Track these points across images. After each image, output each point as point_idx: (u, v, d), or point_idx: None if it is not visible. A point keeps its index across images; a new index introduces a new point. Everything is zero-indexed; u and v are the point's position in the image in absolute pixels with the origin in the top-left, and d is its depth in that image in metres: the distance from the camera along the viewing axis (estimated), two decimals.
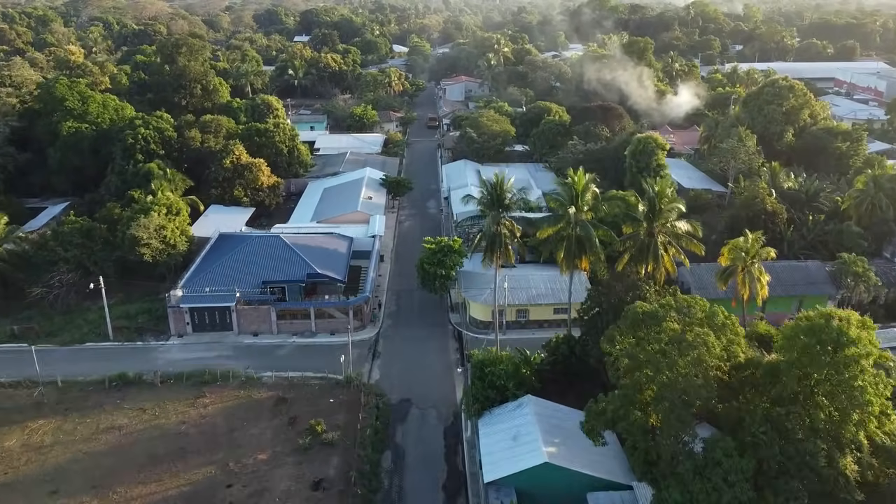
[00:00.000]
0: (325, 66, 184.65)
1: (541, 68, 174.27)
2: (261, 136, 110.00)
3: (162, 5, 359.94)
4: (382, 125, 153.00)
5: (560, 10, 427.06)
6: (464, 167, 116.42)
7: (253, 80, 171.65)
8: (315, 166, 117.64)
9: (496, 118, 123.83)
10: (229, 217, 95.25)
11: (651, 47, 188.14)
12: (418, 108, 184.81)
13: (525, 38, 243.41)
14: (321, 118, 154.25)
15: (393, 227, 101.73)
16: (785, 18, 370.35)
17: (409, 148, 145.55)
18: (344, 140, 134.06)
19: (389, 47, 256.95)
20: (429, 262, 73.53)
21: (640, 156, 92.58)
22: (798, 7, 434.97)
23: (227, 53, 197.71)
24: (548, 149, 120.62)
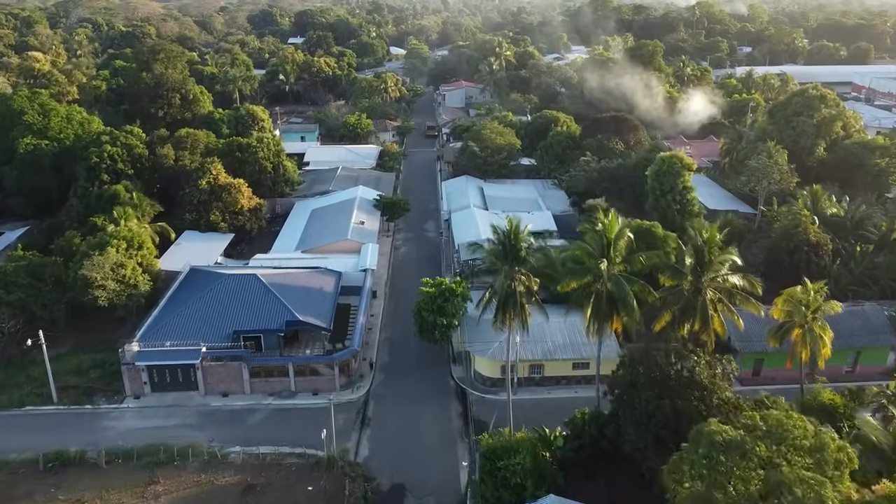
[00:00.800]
0: (318, 71, 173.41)
1: (545, 73, 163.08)
2: (243, 152, 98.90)
3: (155, 6, 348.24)
4: (378, 135, 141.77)
5: (560, 11, 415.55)
6: (465, 184, 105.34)
7: (241, 86, 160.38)
8: (303, 183, 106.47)
9: (500, 130, 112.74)
10: (204, 245, 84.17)
11: (661, 51, 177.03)
12: (416, 114, 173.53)
13: (527, 40, 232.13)
14: (312, 127, 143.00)
15: (388, 254, 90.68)
16: (789, 19, 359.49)
17: (406, 160, 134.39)
18: (336, 153, 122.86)
19: (386, 49, 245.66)
20: (427, 308, 62.51)
21: (663, 177, 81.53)
22: (801, 7, 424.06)
23: (216, 57, 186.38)
24: (556, 164, 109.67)
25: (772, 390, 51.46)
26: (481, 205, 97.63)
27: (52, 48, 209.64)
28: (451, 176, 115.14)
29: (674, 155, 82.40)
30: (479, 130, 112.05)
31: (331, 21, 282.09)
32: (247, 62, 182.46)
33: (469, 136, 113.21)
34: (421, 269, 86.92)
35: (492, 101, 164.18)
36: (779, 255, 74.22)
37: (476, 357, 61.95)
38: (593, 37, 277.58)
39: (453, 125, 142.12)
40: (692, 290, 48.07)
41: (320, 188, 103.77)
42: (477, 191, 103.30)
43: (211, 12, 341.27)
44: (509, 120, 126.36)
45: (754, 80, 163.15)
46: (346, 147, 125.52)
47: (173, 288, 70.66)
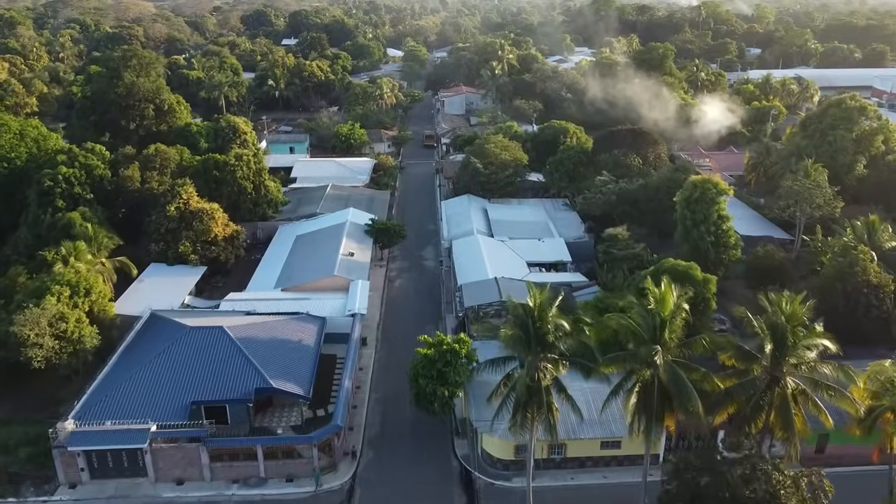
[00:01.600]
0: (309, 76, 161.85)
1: (550, 78, 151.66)
2: (220, 171, 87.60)
3: (146, 6, 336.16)
4: (372, 145, 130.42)
5: (560, 10, 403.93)
6: (467, 205, 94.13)
7: (227, 93, 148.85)
8: (289, 203, 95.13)
9: (505, 144, 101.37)
10: (172, 282, 72.96)
11: (672, 54, 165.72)
12: (413, 121, 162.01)
13: (528, 42, 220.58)
14: (302, 138, 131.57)
15: (381, 289, 79.43)
16: (794, 19, 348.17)
17: (403, 173, 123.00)
18: (326, 168, 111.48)
19: (383, 51, 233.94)
20: (425, 374, 51.33)
21: (695, 205, 70.28)
22: (803, 6, 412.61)
23: (203, 60, 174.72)
24: (567, 181, 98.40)
25: (841, 473, 40.76)
26: (485, 230, 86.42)
27: (33, 50, 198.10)
28: (451, 194, 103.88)
29: (706, 179, 71.08)
30: (481, 145, 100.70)
31: (326, 22, 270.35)
32: (235, 66, 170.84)
33: (471, 150, 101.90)
34: (419, 306, 75.86)
35: (494, 108, 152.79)
36: (832, 298, 63.03)
37: (485, 436, 50.75)
38: (596, 38, 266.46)
39: (453, 135, 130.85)
40: (768, 379, 36.95)
41: (307, 210, 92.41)
42: (480, 212, 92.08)
43: (204, 12, 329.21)
44: (514, 132, 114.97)
45: (772, 85, 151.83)
46: (338, 160, 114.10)
47: (127, 340, 59.49)
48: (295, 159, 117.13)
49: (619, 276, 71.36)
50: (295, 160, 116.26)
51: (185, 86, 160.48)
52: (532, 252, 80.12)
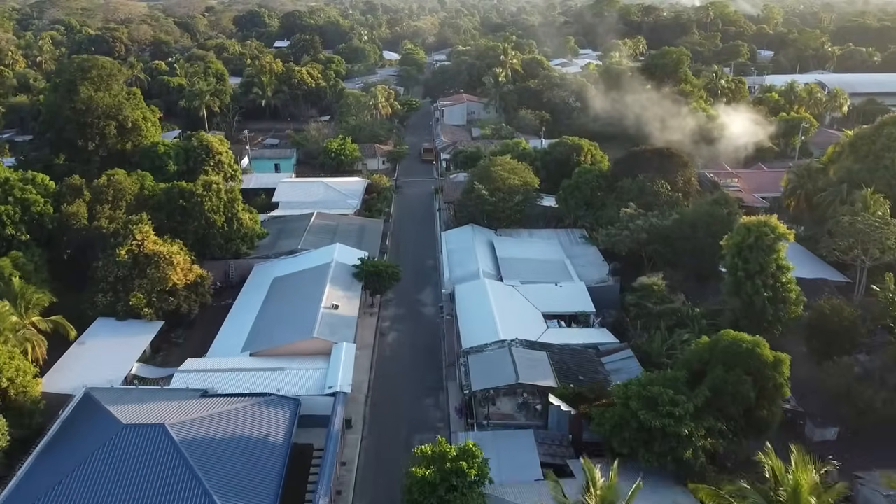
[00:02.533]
0: (299, 83, 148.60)
1: (558, 86, 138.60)
2: (186, 201, 74.64)
3: (137, 6, 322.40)
4: (365, 161, 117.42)
5: (561, 10, 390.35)
6: (471, 238, 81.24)
7: (209, 102, 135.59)
8: (267, 236, 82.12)
9: (514, 166, 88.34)
10: (119, 343, 60.23)
11: (687, 59, 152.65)
12: (411, 132, 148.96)
13: (532, 44, 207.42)
14: (289, 153, 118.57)
15: (370, 346, 66.47)
16: (801, 19, 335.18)
17: (399, 194, 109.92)
18: (312, 190, 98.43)
19: (379, 55, 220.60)
20: (422, 498, 38.52)
21: (749, 253, 57.38)
22: (807, 6, 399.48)
23: (186, 66, 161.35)
24: (584, 209, 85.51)
25: None
26: (492, 270, 73.53)
27: (8, 54, 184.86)
28: (452, 221, 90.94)
29: (762, 223, 58.03)
30: (487, 167, 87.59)
31: (320, 23, 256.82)
32: (220, 72, 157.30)
33: (476, 173, 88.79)
34: (416, 371, 63.04)
35: (497, 119, 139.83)
36: None
37: None
38: (600, 40, 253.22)
39: (454, 150, 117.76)
40: None
41: (287, 245, 79.35)
42: (486, 247, 79.16)
43: (195, 13, 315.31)
44: (522, 149, 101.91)
45: (797, 93, 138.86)
46: (326, 182, 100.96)
47: (48, 435, 46.66)
48: (278, 180, 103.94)
49: (656, 337, 58.65)
50: (279, 181, 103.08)
51: (165, 93, 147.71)
52: (548, 300, 67.29)
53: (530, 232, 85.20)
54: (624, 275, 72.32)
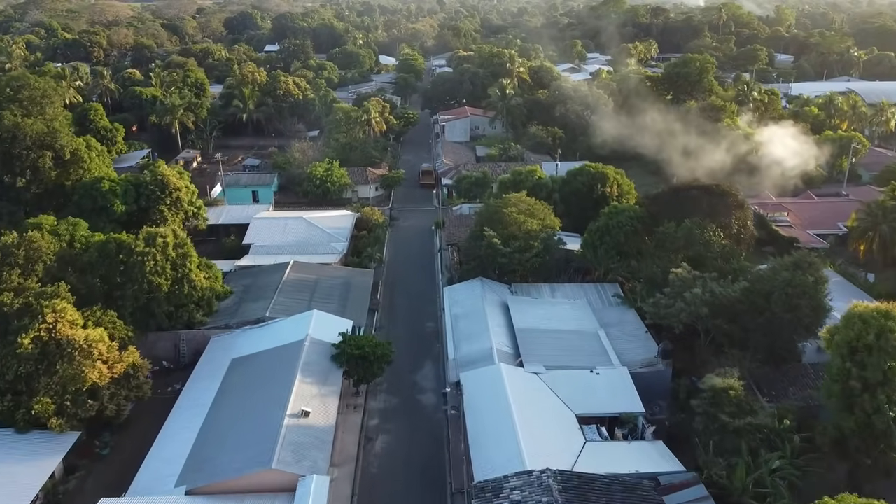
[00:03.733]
0: (284, 94, 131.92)
1: (571, 99, 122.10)
2: (127, 257, 58.27)
3: (124, 7, 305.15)
4: (355, 188, 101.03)
5: (563, 11, 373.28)
6: (480, 297, 64.86)
7: (183, 118, 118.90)
8: (231, 295, 65.69)
9: (530, 205, 71.74)
10: (13, 470, 43.79)
11: (713, 68, 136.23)
12: (408, 148, 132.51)
13: (537, 49, 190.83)
14: (269, 179, 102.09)
15: (353, 458, 50.08)
16: (811, 20, 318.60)
17: (394, 228, 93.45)
18: (291, 228, 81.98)
19: (375, 60, 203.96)
20: None
21: (866, 357, 40.97)
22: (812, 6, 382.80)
23: (163, 75, 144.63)
24: (617, 259, 69.17)
25: None
26: (509, 348, 57.20)
27: None
28: (456, 270, 74.53)
29: (886, 313, 41.63)
30: (498, 208, 70.90)
31: (313, 26, 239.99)
32: (201, 81, 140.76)
33: (485, 215, 72.14)
34: (409, 497, 46.61)
35: (505, 135, 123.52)
36: None
37: None
38: (608, 43, 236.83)
39: (457, 176, 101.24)
40: None
41: (253, 310, 62.80)
42: (499, 312, 62.76)
43: (186, 15, 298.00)
44: (538, 179, 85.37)
45: (837, 105, 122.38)
46: (308, 217, 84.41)
47: None
48: (253, 214, 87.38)
49: (738, 468, 42.41)
50: (253, 215, 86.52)
51: (137, 107, 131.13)
52: (583, 395, 50.91)
53: (552, 287, 68.71)
54: (675, 354, 56.04)
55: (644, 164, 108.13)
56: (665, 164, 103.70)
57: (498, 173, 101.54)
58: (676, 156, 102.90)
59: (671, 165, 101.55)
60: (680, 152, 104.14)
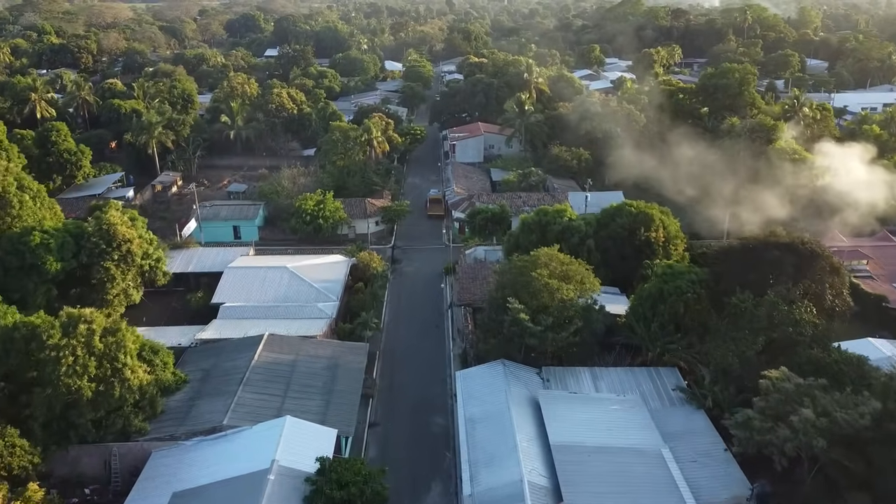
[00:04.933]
0: (277, 109, 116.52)
1: (599, 115, 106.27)
2: (39, 350, 43.18)
3: (123, 9, 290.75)
4: (353, 223, 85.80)
5: (576, 13, 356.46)
6: (504, 389, 49.49)
7: (160, 136, 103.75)
8: (185, 387, 50.48)
9: (565, 265, 55.97)
10: None
11: (754, 79, 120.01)
12: (415, 169, 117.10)
13: (555, 55, 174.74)
14: (252, 212, 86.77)
15: None
16: (833, 22, 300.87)
17: (396, 273, 77.98)
18: (272, 280, 66.72)
19: (380, 66, 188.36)
20: None
21: None
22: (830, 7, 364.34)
23: (147, 85, 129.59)
24: (677, 337, 53.62)
25: None
26: (545, 477, 41.76)
27: None
28: (469, 340, 59.09)
29: None
30: (525, 269, 55.17)
31: (317, 29, 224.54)
32: (188, 92, 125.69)
33: (507, 277, 56.44)
34: None
35: (523, 157, 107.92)
36: None
37: None
38: (627, 47, 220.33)
39: (470, 209, 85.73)
40: None
41: (209, 412, 47.49)
42: (529, 415, 47.36)
43: (187, 17, 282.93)
44: (568, 220, 69.54)
45: None
46: (293, 266, 69.00)
47: None
48: (230, 259, 72.22)
49: None
50: (229, 261, 71.36)
51: (116, 121, 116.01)
52: None
53: (593, 373, 53.10)
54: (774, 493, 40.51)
55: (682, 192, 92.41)
56: (707, 198, 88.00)
57: (517, 206, 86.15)
58: (720, 187, 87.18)
59: (715, 199, 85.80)
60: (726, 183, 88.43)
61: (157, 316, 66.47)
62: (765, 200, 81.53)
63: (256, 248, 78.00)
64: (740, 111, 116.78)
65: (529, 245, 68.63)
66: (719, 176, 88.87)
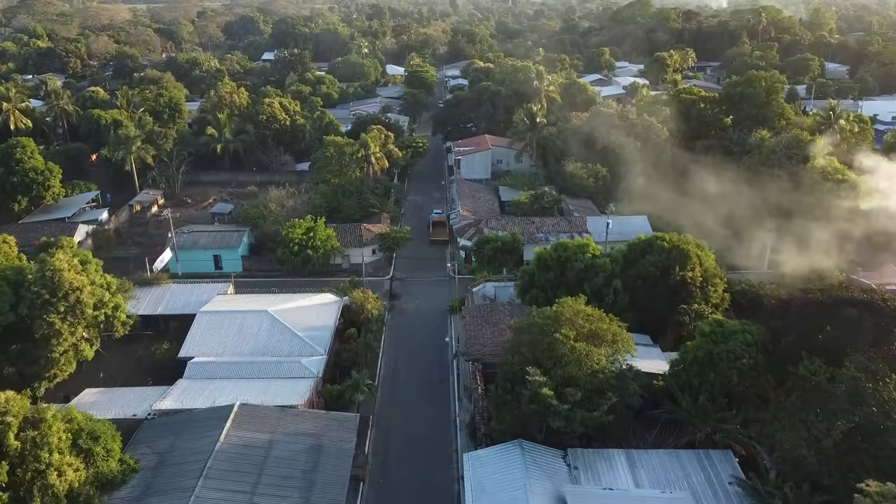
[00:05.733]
0: (269, 119, 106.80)
1: (616, 127, 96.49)
2: None
3: (120, 11, 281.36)
4: (347, 253, 76.17)
5: (581, 14, 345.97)
6: (522, 481, 39.89)
7: (141, 151, 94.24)
8: (133, 477, 40.85)
9: (594, 322, 46.11)
10: None
11: (782, 87, 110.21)
12: (416, 185, 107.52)
13: (564, 60, 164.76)
14: (235, 240, 77.11)
15: None
16: (846, 23, 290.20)
17: (394, 313, 68.30)
18: (250, 327, 57.14)
19: (381, 71, 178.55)
20: None
21: None
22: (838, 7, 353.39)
23: (131, 93, 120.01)
24: (731, 413, 43.87)
25: None
26: None
27: None
28: (477, 403, 49.39)
29: None
30: (545, 330, 45.37)
31: (316, 31, 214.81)
32: (175, 101, 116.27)
33: (525, 336, 46.67)
34: None
35: (534, 174, 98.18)
36: None
37: None
38: (637, 51, 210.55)
39: (478, 237, 75.97)
40: None
41: None
42: None
43: (185, 19, 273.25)
44: (591, 255, 59.70)
45: None
46: (275, 309, 59.31)
47: None
48: (205, 298, 62.72)
49: None
50: (203, 301, 61.86)
51: (96, 133, 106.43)
52: None
53: (629, 457, 43.34)
54: None
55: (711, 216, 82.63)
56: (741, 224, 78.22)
57: (530, 233, 76.49)
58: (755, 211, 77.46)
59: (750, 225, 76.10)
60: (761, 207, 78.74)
61: (117, 368, 57.14)
62: (807, 228, 71.75)
63: (239, 281, 68.59)
64: (768, 122, 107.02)
65: (546, 284, 59.39)
66: (754, 198, 79.20)
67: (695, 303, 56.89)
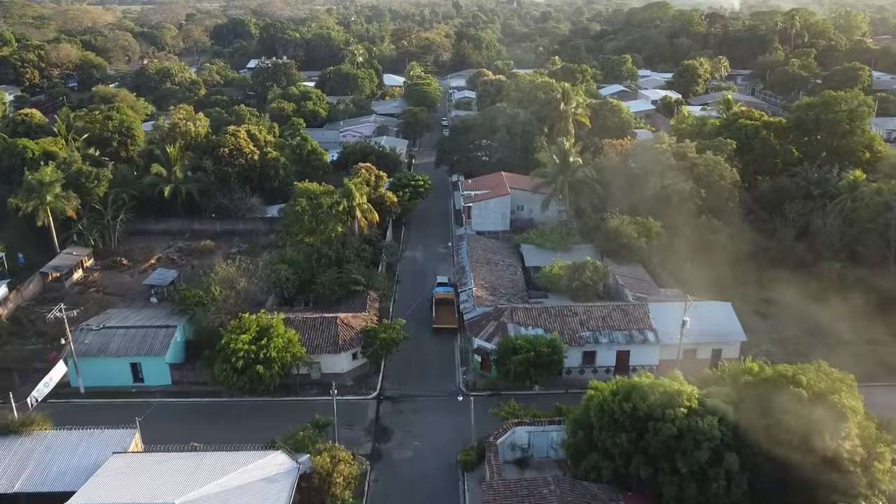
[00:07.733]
0: (232, 153, 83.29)
1: (672, 168, 73.11)
2: None
3: (101, 13, 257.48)
4: (318, 358, 52.90)
5: (590, 16, 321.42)
6: None
7: (59, 201, 70.97)
8: None
9: None
10: None
11: (869, 112, 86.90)
12: (415, 234, 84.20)
13: (586, 71, 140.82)
14: (164, 339, 53.83)
15: None
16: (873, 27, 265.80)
17: (380, 466, 45.17)
18: None
19: (377, 82, 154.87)
20: None
21: None
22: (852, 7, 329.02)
23: (73, 115, 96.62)
24: None
25: None
26: None
27: None
28: None
29: None
30: None
31: (307, 36, 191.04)
32: (126, 124, 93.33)
33: None
34: None
35: (565, 222, 74.90)
36: None
37: None
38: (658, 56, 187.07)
39: (501, 342, 52.44)
40: None
41: None
42: None
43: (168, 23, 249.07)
44: (687, 416, 36.47)
45: None
46: (194, 496, 36.21)
47: None
48: (100, 458, 39.71)
49: None
50: (95, 463, 38.84)
51: (19, 170, 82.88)
52: None
53: None
54: None
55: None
56: None
57: (572, 330, 53.27)
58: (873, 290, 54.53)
59: None
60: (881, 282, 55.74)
61: None
62: None
63: (164, 403, 46.01)
64: (849, 156, 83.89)
65: (614, 448, 36.85)
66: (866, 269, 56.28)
67: (859, 496, 34.35)
